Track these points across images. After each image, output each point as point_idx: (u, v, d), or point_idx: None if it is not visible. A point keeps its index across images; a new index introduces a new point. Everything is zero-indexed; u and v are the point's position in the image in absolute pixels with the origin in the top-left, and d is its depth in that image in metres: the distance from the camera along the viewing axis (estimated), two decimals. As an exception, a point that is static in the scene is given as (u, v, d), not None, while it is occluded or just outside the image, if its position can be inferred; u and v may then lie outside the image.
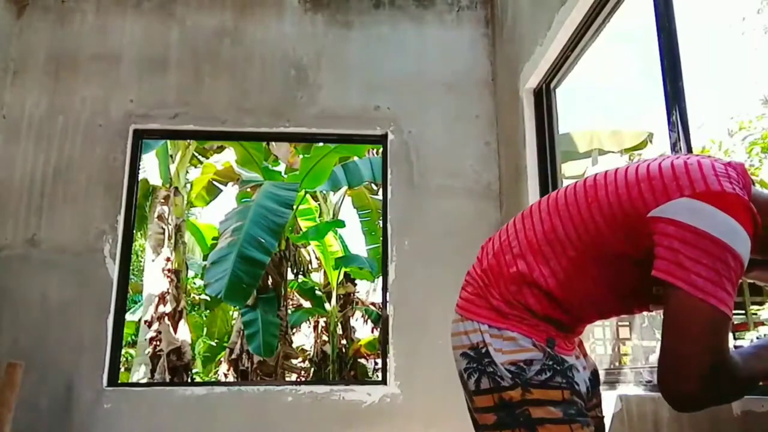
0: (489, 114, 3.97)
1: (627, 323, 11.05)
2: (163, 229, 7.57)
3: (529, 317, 1.24)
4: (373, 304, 11.33)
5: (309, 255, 10.56)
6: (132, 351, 9.81)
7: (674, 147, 2.11)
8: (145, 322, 7.38)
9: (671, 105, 2.15)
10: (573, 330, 1.31)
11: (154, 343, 7.14)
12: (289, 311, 9.24)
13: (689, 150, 2.08)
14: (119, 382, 3.73)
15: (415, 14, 4.12)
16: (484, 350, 1.24)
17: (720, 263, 1.03)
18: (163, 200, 7.65)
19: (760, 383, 1.15)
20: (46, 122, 3.77)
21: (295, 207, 7.85)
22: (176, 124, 3.86)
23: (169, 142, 7.60)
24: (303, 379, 10.63)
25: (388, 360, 3.60)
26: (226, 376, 8.30)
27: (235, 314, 9.56)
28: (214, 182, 9.11)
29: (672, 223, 1.08)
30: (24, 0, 3.93)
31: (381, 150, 4.22)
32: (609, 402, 2.28)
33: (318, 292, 10.20)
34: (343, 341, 9.93)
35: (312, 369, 10.17)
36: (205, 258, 9.26)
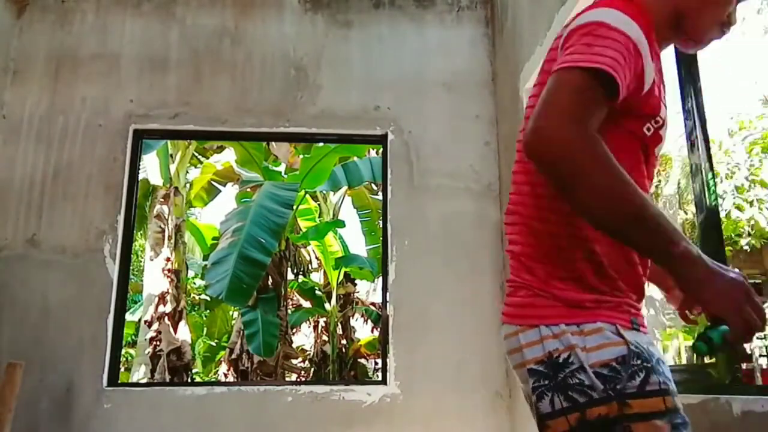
0: (489, 114, 3.97)
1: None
2: (163, 229, 7.57)
3: (609, 290, 1.03)
4: (373, 304, 11.32)
5: (309, 255, 10.56)
6: (132, 351, 9.81)
7: (690, 136, 2.08)
8: (145, 322, 7.38)
9: (685, 91, 2.10)
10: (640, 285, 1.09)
11: (154, 343, 7.14)
12: (289, 311, 9.24)
13: (706, 139, 2.04)
14: (119, 382, 3.73)
15: (415, 14, 4.12)
16: (563, 357, 0.99)
17: (604, 39, 0.98)
18: (162, 200, 7.65)
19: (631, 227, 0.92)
20: (46, 122, 3.77)
21: (295, 207, 7.85)
22: (176, 124, 3.86)
23: (169, 141, 7.60)
24: (303, 379, 10.63)
25: (388, 360, 3.60)
26: (226, 376, 8.29)
27: (235, 314, 9.56)
28: (214, 182, 9.10)
29: (568, 33, 1.05)
30: (24, 0, 3.93)
31: (381, 150, 4.22)
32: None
33: (318, 292, 10.20)
34: (343, 341, 9.92)
35: (312, 369, 10.16)
36: (205, 258, 9.26)
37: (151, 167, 7.74)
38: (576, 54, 0.98)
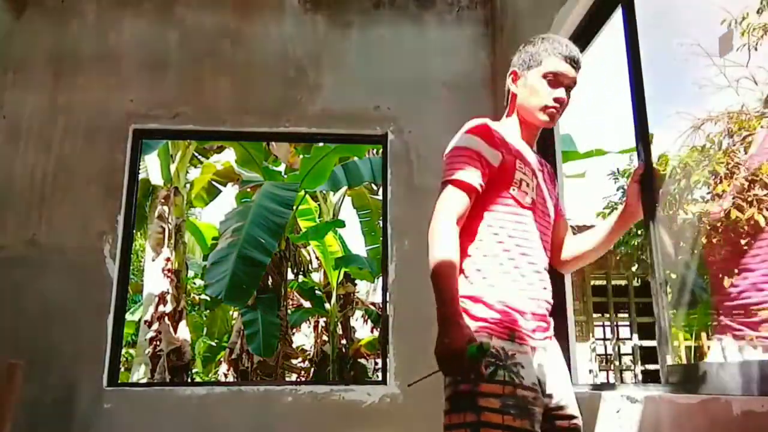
0: (489, 114, 3.95)
1: (627, 323, 11.05)
2: (163, 229, 7.56)
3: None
4: (373, 304, 11.33)
5: (309, 255, 10.56)
6: (132, 351, 9.80)
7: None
8: (145, 322, 7.38)
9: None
10: None
11: (154, 343, 7.13)
12: (289, 311, 9.24)
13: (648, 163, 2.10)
14: (119, 382, 3.73)
15: (415, 14, 4.12)
16: None
17: (458, 159, 1.66)
18: (163, 200, 7.65)
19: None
20: (46, 122, 3.77)
21: (295, 207, 7.85)
22: (176, 124, 3.86)
23: (169, 141, 7.60)
24: (303, 379, 10.63)
25: (388, 360, 3.60)
26: (226, 376, 8.30)
27: (235, 314, 9.56)
28: (214, 182, 9.10)
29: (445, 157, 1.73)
30: (24, 0, 3.93)
31: (381, 150, 4.22)
32: (609, 402, 2.28)
33: (318, 292, 10.20)
34: (343, 341, 9.93)
35: (312, 369, 10.17)
36: (205, 258, 9.25)
37: (151, 167, 7.74)
38: (445, 172, 1.68)
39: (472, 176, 1.62)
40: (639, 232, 9.86)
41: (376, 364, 11.18)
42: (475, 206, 1.65)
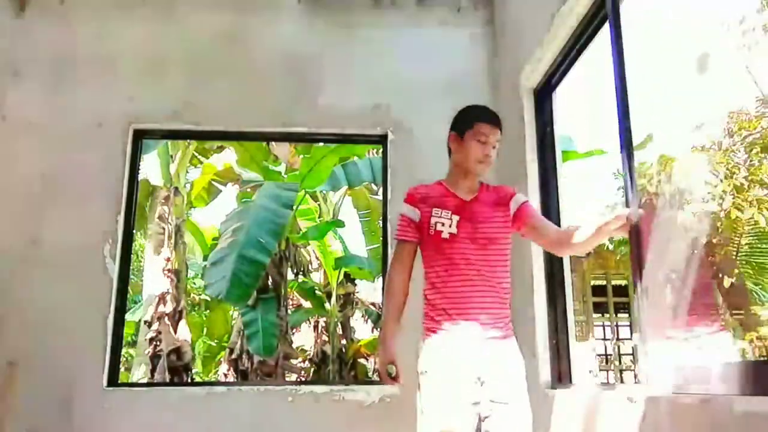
0: (489, 114, 3.96)
1: (627, 323, 11.06)
2: (163, 229, 7.57)
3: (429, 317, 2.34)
4: (373, 304, 11.32)
5: (309, 255, 10.55)
6: (132, 351, 9.80)
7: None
8: (145, 322, 7.38)
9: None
10: None
11: (154, 343, 7.14)
12: (289, 311, 9.23)
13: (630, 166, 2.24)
14: (119, 382, 3.73)
15: (415, 14, 4.12)
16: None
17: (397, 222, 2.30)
18: (163, 200, 7.65)
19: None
20: (46, 122, 3.77)
21: (295, 207, 7.84)
22: (176, 124, 3.86)
23: (169, 142, 7.60)
24: (303, 379, 10.62)
25: (388, 360, 3.60)
26: (226, 376, 8.29)
27: (235, 314, 9.56)
28: (214, 182, 9.10)
29: None
30: (24, 0, 3.93)
31: (381, 150, 4.23)
32: (609, 402, 2.28)
33: (318, 292, 10.19)
34: (343, 341, 9.92)
35: (312, 369, 10.16)
36: (205, 258, 9.26)
37: (151, 167, 7.75)
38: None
39: (403, 233, 2.27)
40: (639, 232, 9.84)
41: (376, 364, 11.17)
42: (420, 248, 2.26)
